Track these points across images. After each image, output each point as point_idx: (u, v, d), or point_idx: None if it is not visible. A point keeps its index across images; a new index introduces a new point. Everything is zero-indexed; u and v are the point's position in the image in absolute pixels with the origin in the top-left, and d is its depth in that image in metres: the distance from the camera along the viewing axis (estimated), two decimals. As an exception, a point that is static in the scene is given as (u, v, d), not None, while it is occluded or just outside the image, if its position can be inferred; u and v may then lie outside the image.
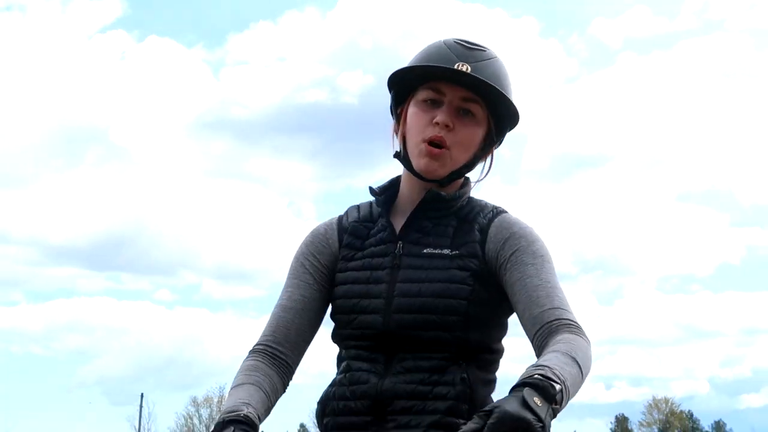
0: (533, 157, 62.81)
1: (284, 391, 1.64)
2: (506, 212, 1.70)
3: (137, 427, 41.69)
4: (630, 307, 66.18)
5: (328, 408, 1.61)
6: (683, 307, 65.68)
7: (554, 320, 1.51)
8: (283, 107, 60.96)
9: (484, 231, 1.65)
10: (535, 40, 67.63)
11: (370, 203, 1.75)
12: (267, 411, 1.56)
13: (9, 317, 58.68)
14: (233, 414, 1.45)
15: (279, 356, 1.64)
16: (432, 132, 1.61)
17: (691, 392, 68.36)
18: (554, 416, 1.30)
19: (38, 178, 61.90)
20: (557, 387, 1.29)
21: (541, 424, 1.22)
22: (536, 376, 1.30)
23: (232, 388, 1.59)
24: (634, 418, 53.76)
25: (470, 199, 1.71)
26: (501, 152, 1.73)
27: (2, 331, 55.41)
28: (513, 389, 1.29)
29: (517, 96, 1.70)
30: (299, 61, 62.31)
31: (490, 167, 1.74)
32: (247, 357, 1.64)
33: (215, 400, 43.66)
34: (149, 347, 57.62)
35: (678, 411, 53.31)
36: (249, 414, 1.46)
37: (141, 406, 42.36)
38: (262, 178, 66.15)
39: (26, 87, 57.71)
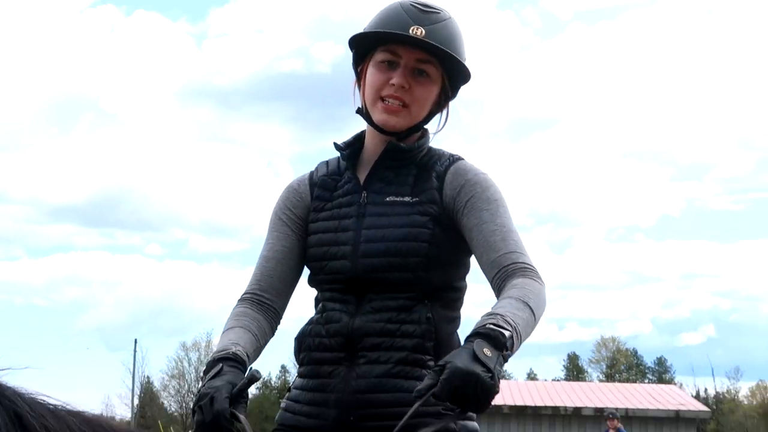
0: (492, 120, 64.95)
1: (273, 334, 1.76)
2: (462, 159, 1.77)
3: (132, 369, 42.92)
4: (580, 255, 68.43)
5: (304, 344, 1.72)
6: (628, 255, 67.84)
7: (510, 264, 1.62)
8: (262, 76, 64.12)
9: (441, 178, 1.71)
10: (493, 12, 68.21)
11: (338, 158, 1.83)
12: (257, 351, 1.68)
13: (11, 271, 61.21)
14: (223, 353, 1.58)
15: (265, 302, 1.75)
16: (389, 92, 1.69)
17: (635, 332, 71.14)
18: (505, 361, 1.40)
19: (35, 142, 63.59)
20: (507, 334, 1.41)
21: (490, 374, 1.32)
22: (488, 325, 1.41)
23: (222, 333, 1.70)
24: (585, 356, 55.40)
25: (430, 148, 1.79)
26: (462, 114, 1.97)
27: (6, 285, 58.24)
28: (465, 340, 1.41)
29: (469, 53, 1.78)
30: (276, 33, 64.32)
31: (446, 119, 1.82)
32: (236, 305, 1.75)
33: (203, 344, 45.72)
34: (141, 297, 60.38)
35: (624, 349, 54.98)
36: (237, 352, 1.59)
37: (135, 351, 43.41)
38: (243, 141, 68.57)
39: (22, 59, 59.34)
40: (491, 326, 1.40)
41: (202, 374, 1.61)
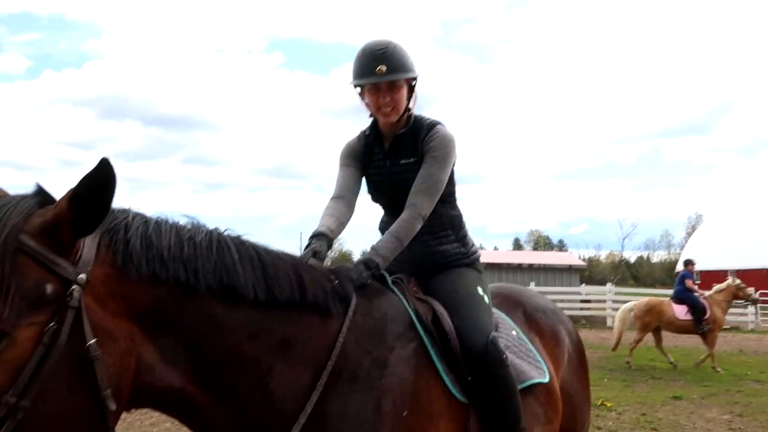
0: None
1: (351, 213, 2.73)
2: (437, 125, 2.68)
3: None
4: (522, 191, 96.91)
5: (382, 231, 2.86)
6: (552, 190, 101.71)
7: (408, 201, 2.60)
8: (342, 103, 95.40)
9: (424, 141, 2.66)
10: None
11: (367, 132, 2.79)
12: (339, 225, 2.64)
13: (236, 200, 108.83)
14: (314, 231, 2.54)
15: (343, 198, 2.76)
16: (382, 106, 2.62)
17: (548, 227, 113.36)
18: (371, 272, 2.37)
19: (248, 131, 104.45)
20: (372, 264, 2.37)
21: (354, 278, 2.28)
22: (367, 257, 2.41)
23: (321, 216, 2.67)
24: (523, 239, 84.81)
25: (416, 118, 2.71)
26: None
27: (235, 206, 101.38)
28: (356, 263, 2.39)
29: (414, 58, 2.62)
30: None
31: (415, 100, 2.73)
32: (328, 202, 2.74)
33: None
34: (302, 210, 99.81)
35: (542, 235, 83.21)
36: (321, 230, 2.52)
37: (301, 239, 54.12)
38: (346, 133, 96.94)
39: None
40: (368, 257, 2.38)
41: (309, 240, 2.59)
